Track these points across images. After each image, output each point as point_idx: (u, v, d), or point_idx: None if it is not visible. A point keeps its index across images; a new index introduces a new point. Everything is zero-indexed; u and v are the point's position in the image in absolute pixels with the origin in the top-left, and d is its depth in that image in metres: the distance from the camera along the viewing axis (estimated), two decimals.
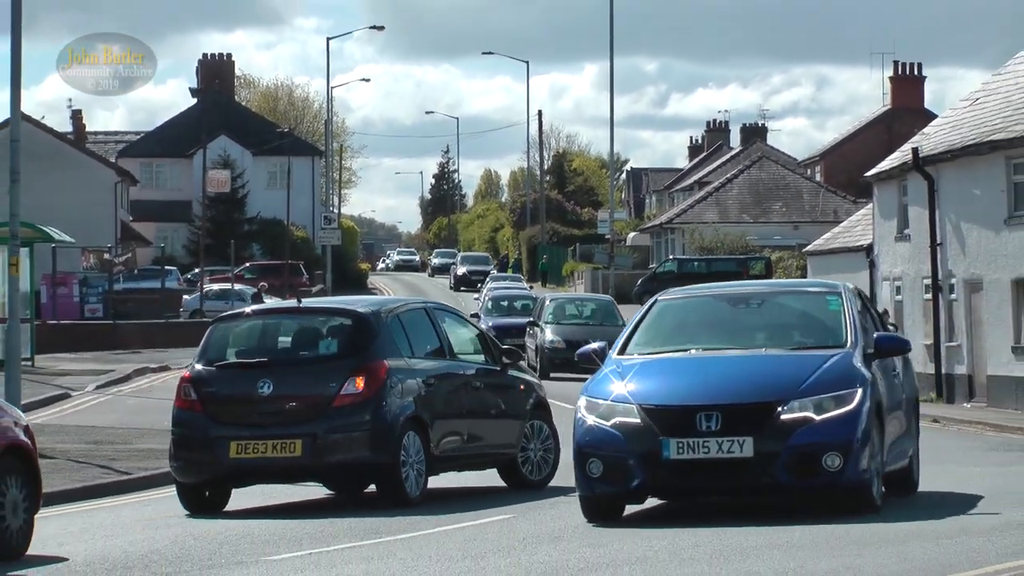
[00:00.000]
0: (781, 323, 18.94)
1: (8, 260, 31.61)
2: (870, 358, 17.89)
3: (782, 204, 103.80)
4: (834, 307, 18.54)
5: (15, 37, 29.84)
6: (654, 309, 19.12)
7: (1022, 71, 46.97)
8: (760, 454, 16.79)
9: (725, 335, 18.69)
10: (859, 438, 16.90)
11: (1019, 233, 42.40)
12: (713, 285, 22.30)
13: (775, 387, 17.17)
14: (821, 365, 17.43)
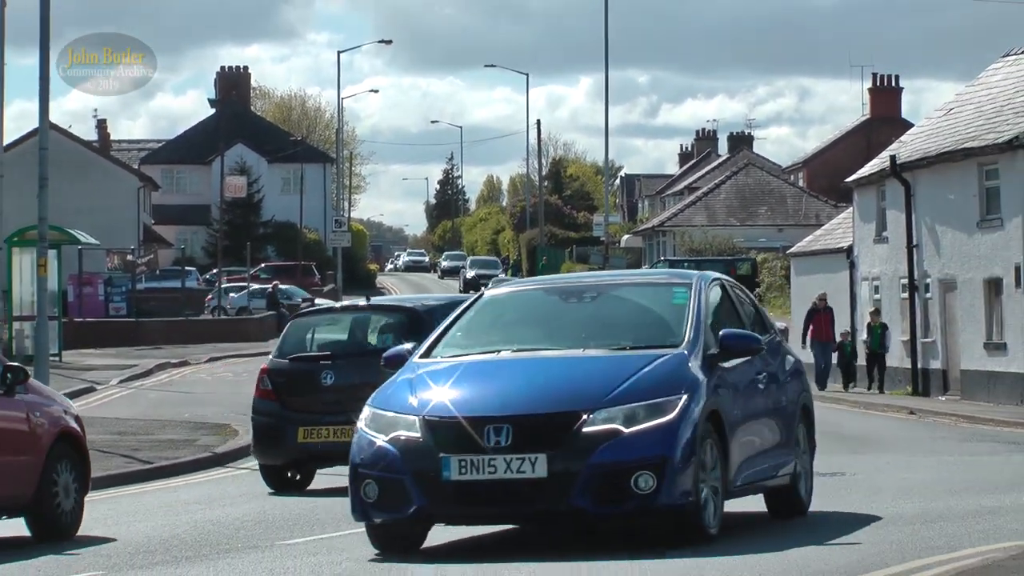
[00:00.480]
0: (613, 320, 15.33)
1: (37, 261, 31.65)
2: (714, 359, 14.42)
3: (767, 208, 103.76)
4: (679, 300, 15.04)
5: (43, 52, 29.87)
6: (477, 304, 15.71)
7: (993, 83, 46.96)
8: (555, 475, 13.36)
9: (547, 334, 15.16)
10: (679, 454, 13.42)
11: (991, 235, 42.38)
12: (551, 277, 20.37)
13: (580, 395, 13.73)
14: (642, 368, 13.99)
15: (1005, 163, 41.55)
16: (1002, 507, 17.00)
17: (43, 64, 30.10)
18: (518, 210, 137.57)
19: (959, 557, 12.90)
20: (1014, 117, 41.88)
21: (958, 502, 17.59)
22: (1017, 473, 21.83)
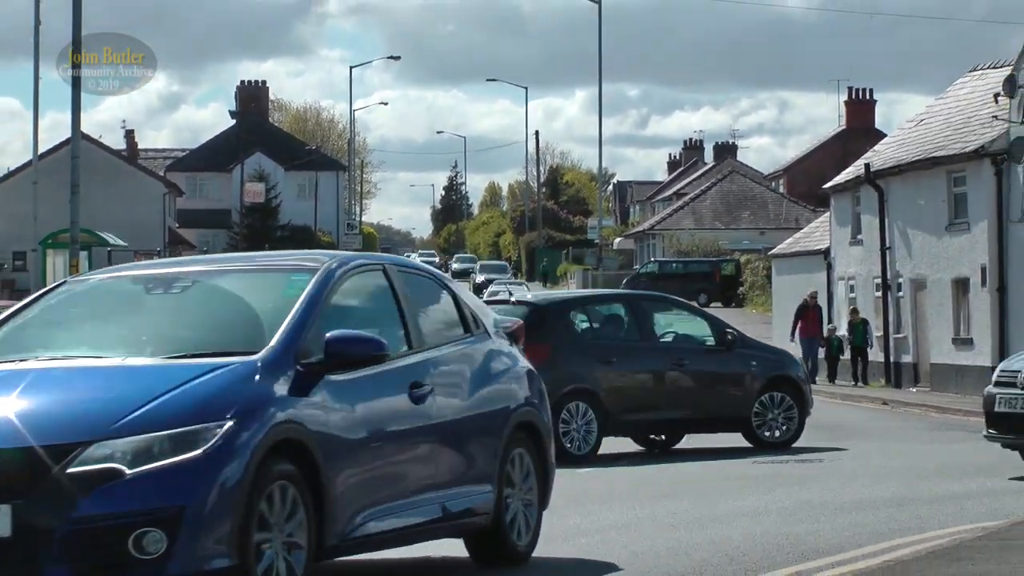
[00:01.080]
0: (196, 317, 11.13)
1: (69, 262, 31.70)
2: (312, 370, 10.16)
3: (750, 213, 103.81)
4: (291, 292, 10.80)
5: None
6: (47, 297, 11.47)
7: (960, 96, 46.98)
8: (22, 532, 9.11)
9: (106, 336, 10.98)
10: (208, 502, 9.19)
11: (958, 238, 42.40)
12: (151, 262, 15.68)
13: (81, 421, 9.38)
14: (183, 384, 9.66)
15: (972, 171, 41.57)
16: (969, 492, 17.00)
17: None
18: (518, 214, 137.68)
19: (929, 538, 12.91)
20: (980, 128, 41.89)
21: (928, 487, 17.59)
22: (982, 460, 21.79)
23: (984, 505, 15.54)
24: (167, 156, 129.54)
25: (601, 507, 15.97)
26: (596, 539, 13.31)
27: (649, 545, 12.85)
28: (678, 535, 13.43)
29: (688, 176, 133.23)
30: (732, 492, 17.09)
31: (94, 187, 74.22)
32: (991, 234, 40.56)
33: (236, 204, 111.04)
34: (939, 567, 11.08)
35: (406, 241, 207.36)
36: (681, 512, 15.33)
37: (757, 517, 14.77)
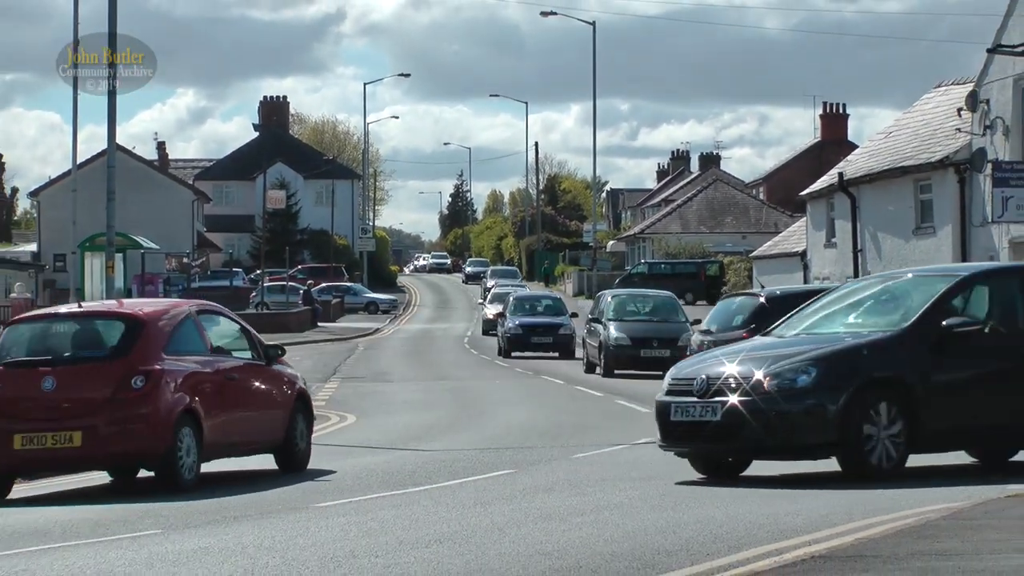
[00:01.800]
0: None
1: (105, 263, 31.64)
2: None
3: (733, 218, 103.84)
4: None
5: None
6: None
7: (927, 110, 46.98)
8: None
9: None
10: None
11: (925, 241, 42.40)
12: None
13: None
14: None
15: (937, 179, 41.58)
16: (934, 474, 16.96)
17: (111, 93, 30.07)
18: (519, 219, 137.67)
19: (898, 517, 12.89)
20: (945, 139, 41.90)
21: None
22: None
23: (948, 487, 15.52)
24: (195, 166, 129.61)
25: (595, 488, 15.97)
26: (591, 518, 13.30)
27: (639, 524, 12.84)
28: (665, 514, 13.41)
29: (675, 184, 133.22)
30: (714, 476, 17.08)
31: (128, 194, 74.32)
32: (955, 237, 40.56)
33: (259, 210, 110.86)
34: (907, 544, 11.08)
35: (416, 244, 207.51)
36: (668, 493, 15.32)
37: (739, 498, 14.76)
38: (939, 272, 18.46)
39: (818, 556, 10.51)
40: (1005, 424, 16.31)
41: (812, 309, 17.44)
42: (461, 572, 10.34)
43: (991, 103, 38.65)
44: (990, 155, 37.98)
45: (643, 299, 45.75)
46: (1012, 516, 12.71)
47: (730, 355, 16.26)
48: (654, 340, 40.83)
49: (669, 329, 41.41)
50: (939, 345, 15.84)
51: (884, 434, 15.46)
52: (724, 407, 15.40)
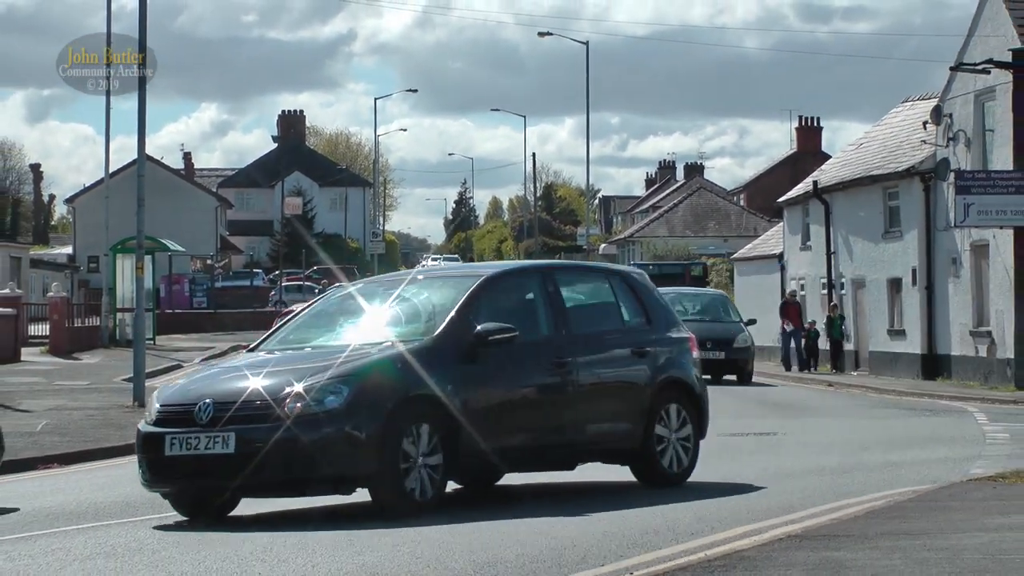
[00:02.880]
0: None
1: (136, 265, 31.59)
2: None
3: (715, 223, 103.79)
4: None
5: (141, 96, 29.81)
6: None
7: (895, 123, 46.99)
8: None
9: None
10: None
11: (892, 244, 42.40)
12: None
13: None
14: None
15: (904, 187, 41.57)
16: (903, 460, 16.99)
17: (141, 107, 30.03)
18: (517, 224, 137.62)
19: (868, 500, 12.90)
20: (911, 150, 41.90)
21: (868, 456, 17.58)
22: (914, 433, 21.82)
23: (916, 472, 15.53)
24: (219, 174, 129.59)
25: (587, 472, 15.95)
26: (584, 500, 13.28)
27: (629, 505, 12.84)
28: (650, 498, 13.40)
29: (662, 191, 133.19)
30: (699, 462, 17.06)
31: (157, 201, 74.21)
32: (920, 241, 40.55)
33: (277, 215, 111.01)
34: (877, 525, 11.08)
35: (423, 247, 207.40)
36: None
37: (722, 482, 14.76)
38: (459, 272, 16.06)
39: (794, 535, 10.50)
40: (542, 443, 13.54)
41: (305, 319, 14.41)
42: (464, 551, 10.31)
43: (954, 117, 38.64)
44: (953, 165, 37.96)
45: (693, 296, 39.55)
46: (974, 498, 12.71)
47: (254, 367, 12.94)
48: (707, 342, 33.44)
49: (723, 330, 36.74)
50: (471, 355, 12.97)
51: (423, 461, 12.36)
52: (239, 437, 12.02)
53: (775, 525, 11.29)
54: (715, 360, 35.00)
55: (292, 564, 9.89)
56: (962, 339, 38.67)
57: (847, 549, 9.77)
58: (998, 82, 35.77)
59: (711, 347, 34.19)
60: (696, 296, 39.54)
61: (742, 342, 35.67)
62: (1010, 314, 35.26)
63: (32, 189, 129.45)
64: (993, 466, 15.87)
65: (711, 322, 36.79)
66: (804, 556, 9.51)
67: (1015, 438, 20.51)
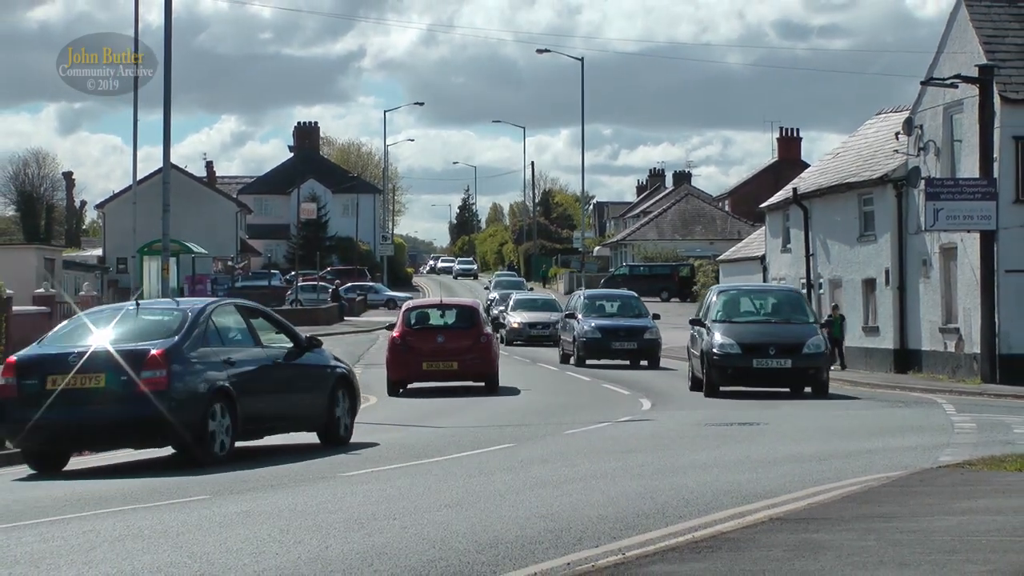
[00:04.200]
0: None
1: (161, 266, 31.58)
2: None
3: (702, 227, 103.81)
4: None
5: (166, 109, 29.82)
6: None
7: (869, 134, 46.98)
8: None
9: None
10: None
11: (867, 247, 42.39)
12: None
13: None
14: None
15: (878, 194, 41.56)
16: (876, 448, 16.97)
17: (166, 119, 30.04)
18: (517, 228, 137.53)
19: (844, 485, 12.90)
20: (884, 159, 41.89)
21: (843, 445, 17.56)
22: (887, 423, 21.79)
23: (888, 459, 15.52)
24: (238, 182, 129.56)
25: (583, 460, 15.95)
26: (580, 486, 13.29)
27: (622, 490, 12.84)
28: (644, 482, 13.41)
29: (652, 198, 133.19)
30: (686, 449, 17.06)
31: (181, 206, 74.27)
32: (893, 244, 40.54)
33: (293, 220, 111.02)
34: (852, 508, 11.07)
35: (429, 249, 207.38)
36: (646, 464, 15.30)
37: (707, 469, 14.75)
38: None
39: (776, 518, 10.50)
40: None
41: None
42: (467, 532, 10.32)
43: (924, 128, 38.64)
44: (923, 173, 37.95)
45: (762, 294, 32.06)
46: (943, 484, 12.70)
47: None
48: (770, 347, 28.69)
49: (790, 331, 29.23)
50: None
51: None
52: None
53: (757, 509, 11.29)
54: (780, 369, 28.54)
55: (307, 545, 9.89)
56: (932, 335, 38.66)
57: (825, 531, 9.77)
58: (965, 96, 35.77)
59: (775, 353, 28.56)
60: (765, 293, 32.40)
61: (812, 347, 28.70)
62: (976, 312, 35.26)
63: (65, 195, 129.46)
64: (961, 454, 15.87)
65: (779, 323, 29.84)
66: (784, 538, 9.51)
67: (981, 428, 20.50)
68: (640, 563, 8.65)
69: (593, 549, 9.46)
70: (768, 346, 28.60)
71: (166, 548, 9.98)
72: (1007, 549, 8.84)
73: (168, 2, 29.34)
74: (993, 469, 13.77)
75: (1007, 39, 36.21)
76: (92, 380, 16.06)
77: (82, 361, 16.07)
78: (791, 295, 31.74)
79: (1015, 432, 19.64)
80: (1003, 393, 30.97)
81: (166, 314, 17.30)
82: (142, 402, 15.93)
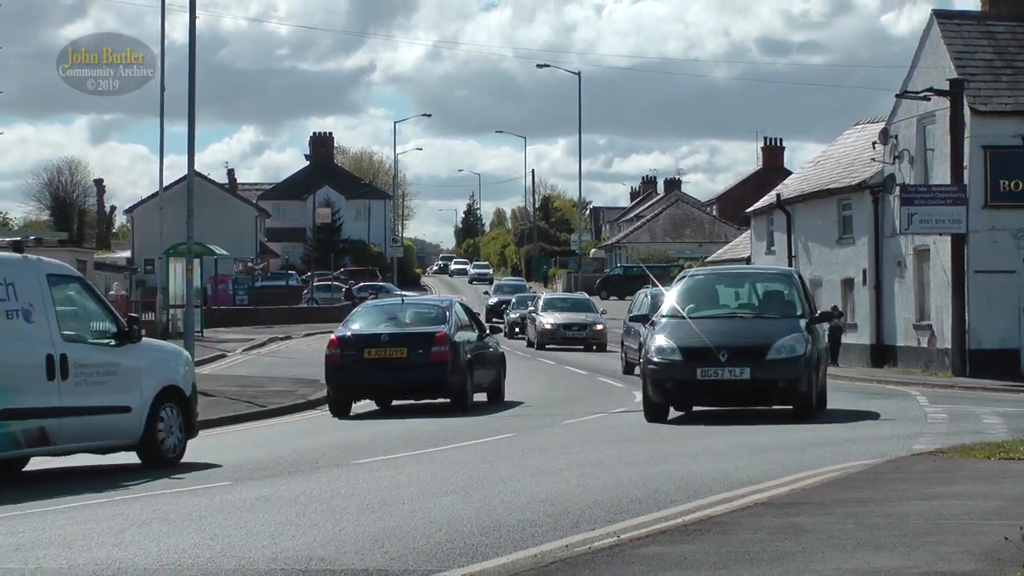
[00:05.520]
0: None
1: (186, 267, 31.58)
2: None
3: (691, 230, 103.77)
4: None
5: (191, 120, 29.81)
6: None
7: (848, 143, 46.94)
8: None
9: None
10: None
11: (845, 249, 42.36)
12: None
13: None
14: None
15: (856, 199, 41.53)
16: (854, 437, 16.95)
17: (191, 130, 30.04)
18: (518, 231, 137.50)
19: (824, 472, 12.89)
20: (862, 167, 41.86)
21: (824, 434, 17.54)
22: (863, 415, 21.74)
23: (865, 448, 15.51)
24: (258, 188, 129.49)
25: (580, 449, 15.94)
26: (577, 473, 13.28)
27: (616, 477, 12.83)
28: (637, 470, 13.40)
29: (645, 203, 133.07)
30: (676, 439, 17.04)
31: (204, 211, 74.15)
32: (870, 246, 40.52)
33: (309, 224, 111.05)
34: (832, 493, 11.07)
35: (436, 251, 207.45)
36: (639, 452, 15.29)
37: (696, 457, 14.74)
38: None
39: (761, 503, 10.49)
40: None
41: None
42: (472, 517, 10.31)
43: (899, 138, 38.61)
44: (898, 180, 37.92)
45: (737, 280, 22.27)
46: (917, 470, 12.69)
47: None
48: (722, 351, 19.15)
49: (756, 331, 19.67)
50: None
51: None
52: None
53: (744, 494, 11.28)
54: (733, 381, 19.12)
55: (322, 528, 9.89)
56: (906, 332, 38.64)
57: (806, 515, 9.76)
58: (937, 108, 35.76)
59: (726, 360, 19.13)
60: (743, 278, 22.35)
61: (785, 351, 19.26)
62: (947, 310, 35.25)
63: (96, 201, 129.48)
64: (933, 442, 15.86)
65: (746, 319, 20.36)
66: (769, 521, 9.50)
67: (952, 418, 20.49)
68: (634, 545, 8.64)
69: (590, 532, 9.45)
70: (719, 350, 19.11)
71: (190, 531, 9.97)
72: (977, 532, 8.83)
73: (192, 22, 29.35)
74: (964, 457, 13.76)
75: (976, 55, 36.21)
76: (397, 352, 22.05)
77: (388, 339, 22.20)
78: (778, 279, 21.85)
79: (984, 422, 19.63)
80: (973, 386, 30.97)
81: (427, 307, 24.05)
82: (434, 368, 21.99)
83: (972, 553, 7.99)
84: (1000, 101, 35.03)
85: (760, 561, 7.92)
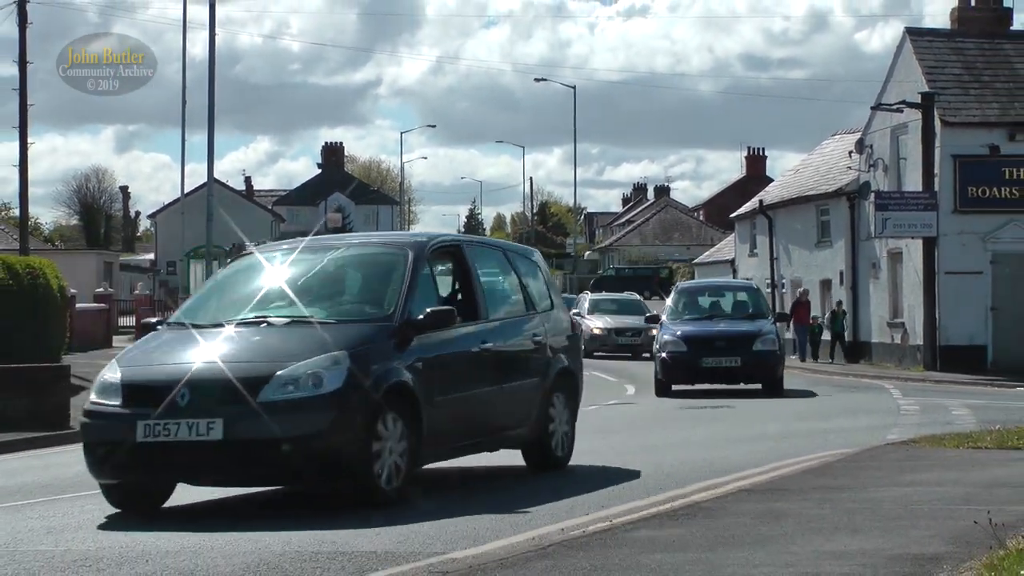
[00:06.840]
0: None
1: (206, 268, 31.61)
2: None
3: (679, 234, 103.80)
4: None
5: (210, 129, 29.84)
6: None
7: (826, 152, 46.97)
8: None
9: None
10: None
11: (824, 252, 42.36)
12: None
13: None
14: None
15: (833, 205, 41.54)
16: (832, 428, 16.96)
17: (210, 139, 30.09)
18: (517, 236, 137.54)
19: (803, 460, 12.88)
20: (839, 175, 41.88)
21: (803, 425, 17.55)
22: (843, 406, 21.78)
23: (842, 438, 15.51)
24: (273, 194, 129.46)
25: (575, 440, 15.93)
26: (571, 462, 13.27)
27: (608, 465, 12.82)
28: (624, 459, 13.40)
29: (635, 208, 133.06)
30: (664, 429, 17.04)
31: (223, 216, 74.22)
32: (847, 249, 40.52)
33: (321, 229, 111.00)
34: (810, 480, 11.06)
35: None
36: (629, 443, 15.29)
37: (683, 447, 14.74)
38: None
39: (744, 490, 10.49)
40: None
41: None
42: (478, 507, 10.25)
43: (874, 147, 38.62)
44: (873, 187, 37.93)
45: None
46: (890, 459, 12.70)
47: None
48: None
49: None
50: None
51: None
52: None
53: (728, 481, 11.28)
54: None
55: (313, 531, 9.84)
56: (880, 329, 38.64)
57: (787, 501, 9.76)
58: (910, 119, 35.78)
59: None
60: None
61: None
62: (919, 309, 35.27)
63: (121, 207, 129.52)
64: (906, 433, 15.86)
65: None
66: (752, 507, 9.50)
67: (924, 410, 20.49)
68: (625, 529, 8.64)
69: (584, 517, 9.45)
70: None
71: (216, 517, 9.89)
72: (947, 516, 8.84)
73: (212, 39, 29.40)
74: (935, 446, 13.76)
75: (946, 69, 36.22)
76: None
77: None
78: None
79: (954, 414, 19.63)
80: (943, 380, 30.98)
81: None
82: None
83: (943, 536, 7.99)
84: (969, 113, 35.04)
85: (744, 544, 7.92)
